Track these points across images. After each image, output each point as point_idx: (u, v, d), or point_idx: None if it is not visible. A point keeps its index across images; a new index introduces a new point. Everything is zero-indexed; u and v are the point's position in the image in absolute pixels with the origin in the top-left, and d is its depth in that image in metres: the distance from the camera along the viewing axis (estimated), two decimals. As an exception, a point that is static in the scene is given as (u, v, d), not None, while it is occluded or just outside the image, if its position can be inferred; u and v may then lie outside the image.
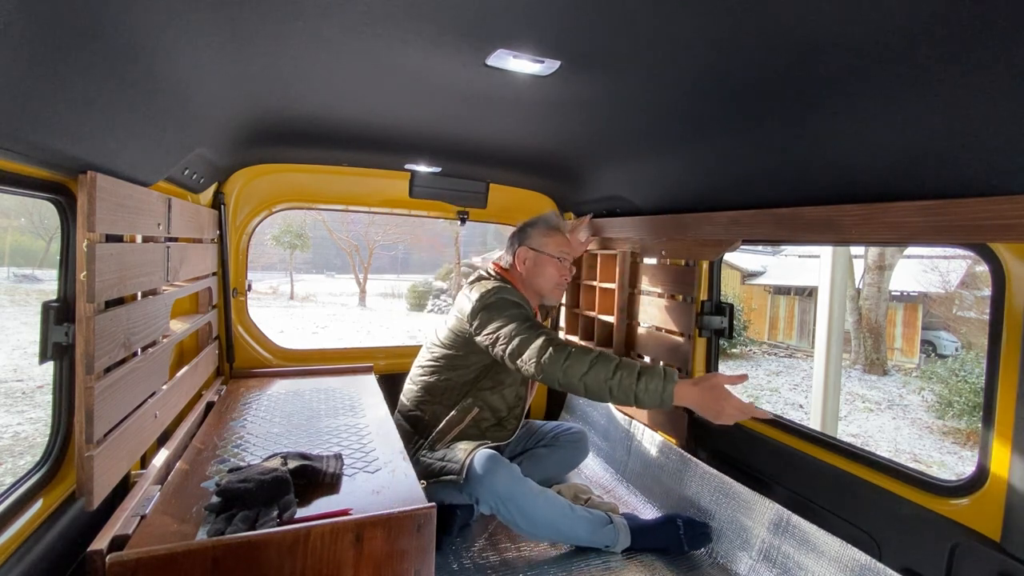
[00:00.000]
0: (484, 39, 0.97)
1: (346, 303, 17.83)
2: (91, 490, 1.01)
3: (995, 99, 0.84)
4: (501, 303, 1.74)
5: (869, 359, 10.33)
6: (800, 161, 1.32)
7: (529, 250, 1.95)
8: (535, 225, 1.99)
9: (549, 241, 1.96)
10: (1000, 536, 1.08)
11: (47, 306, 1.06)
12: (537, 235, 1.96)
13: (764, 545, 1.53)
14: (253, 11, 0.87)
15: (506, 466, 1.64)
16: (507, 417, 1.87)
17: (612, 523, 1.69)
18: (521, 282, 1.95)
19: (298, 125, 1.65)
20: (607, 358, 1.51)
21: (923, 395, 8.41)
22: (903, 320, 11.74)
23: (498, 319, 1.70)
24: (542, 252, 1.94)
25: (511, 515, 1.61)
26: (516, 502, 1.60)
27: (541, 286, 1.96)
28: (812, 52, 0.90)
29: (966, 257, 10.22)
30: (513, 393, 1.87)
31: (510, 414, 1.88)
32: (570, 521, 1.65)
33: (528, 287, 1.96)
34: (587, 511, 1.70)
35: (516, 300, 1.77)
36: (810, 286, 12.09)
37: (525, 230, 1.99)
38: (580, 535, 1.66)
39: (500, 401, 1.85)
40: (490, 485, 1.59)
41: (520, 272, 1.96)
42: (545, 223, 2.00)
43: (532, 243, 1.95)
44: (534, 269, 1.94)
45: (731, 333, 1.90)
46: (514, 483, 1.62)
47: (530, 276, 1.95)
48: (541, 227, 1.98)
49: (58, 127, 0.84)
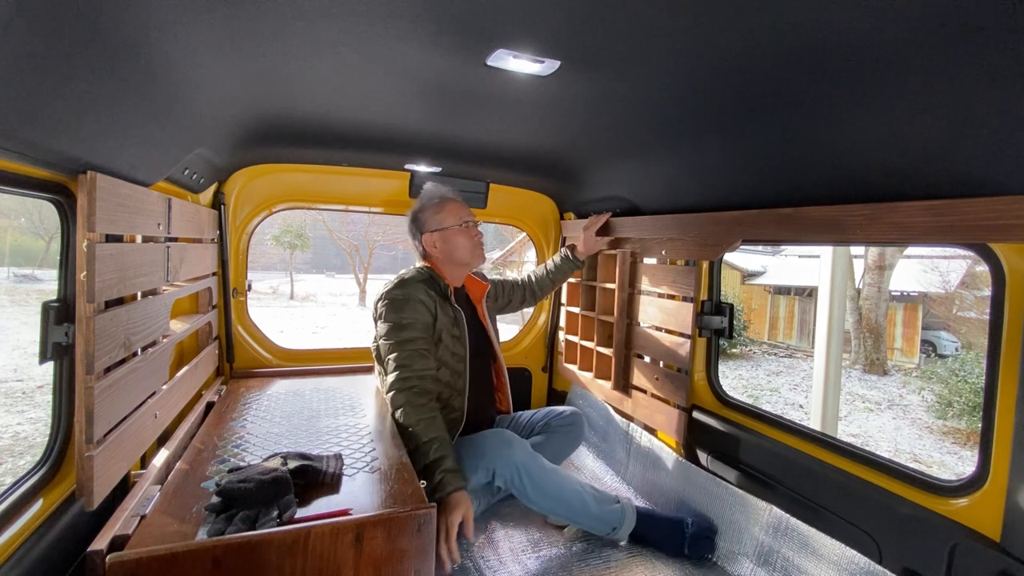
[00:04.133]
0: (484, 39, 0.97)
1: (346, 303, 17.82)
2: (91, 490, 1.01)
3: (995, 98, 0.84)
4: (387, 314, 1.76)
5: (869, 359, 10.33)
6: (801, 161, 1.32)
7: (432, 233, 1.91)
8: (423, 209, 1.94)
9: (445, 216, 1.92)
10: (1000, 536, 1.08)
11: (47, 306, 1.06)
12: (431, 216, 1.93)
13: (763, 548, 1.53)
14: (253, 11, 0.87)
15: (519, 440, 1.71)
16: (451, 397, 1.83)
17: (619, 503, 1.73)
18: (442, 264, 1.94)
19: (298, 125, 1.65)
20: (426, 429, 1.55)
21: (923, 395, 8.41)
22: (903, 320, 11.74)
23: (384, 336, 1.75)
24: (444, 228, 1.91)
25: (524, 486, 1.65)
26: (531, 473, 1.65)
27: (461, 257, 1.93)
28: (813, 52, 0.90)
29: (966, 257, 10.21)
30: (448, 373, 1.83)
31: (453, 395, 1.84)
32: (580, 494, 1.69)
33: (451, 264, 1.94)
34: (593, 487, 1.76)
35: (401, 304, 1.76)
36: (810, 286, 12.09)
37: (417, 218, 1.95)
38: (590, 508, 1.69)
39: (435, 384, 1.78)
40: (508, 455, 1.64)
41: (438, 256, 1.93)
42: (430, 200, 1.95)
43: (430, 226, 1.92)
44: (446, 247, 1.91)
45: (731, 333, 1.90)
46: (529, 455, 1.68)
47: (447, 255, 1.93)
48: (429, 207, 1.93)
49: (58, 127, 0.84)
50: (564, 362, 2.66)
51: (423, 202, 1.97)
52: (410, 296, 1.77)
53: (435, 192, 1.98)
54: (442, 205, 1.93)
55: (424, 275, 1.87)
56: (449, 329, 1.84)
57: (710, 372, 1.94)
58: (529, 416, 2.13)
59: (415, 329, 1.74)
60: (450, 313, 1.86)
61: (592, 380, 2.42)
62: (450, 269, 1.94)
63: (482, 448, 1.69)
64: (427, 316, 1.78)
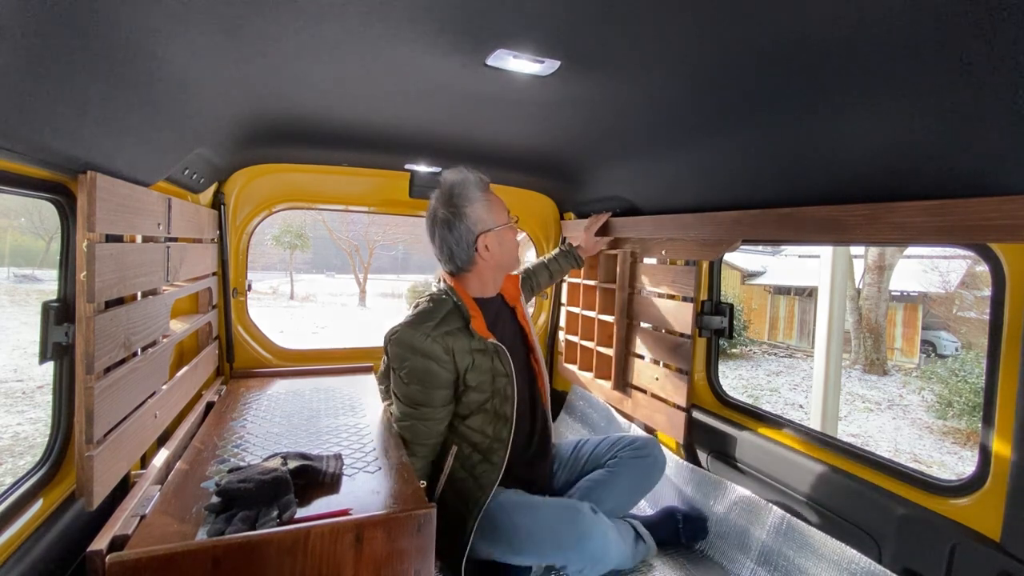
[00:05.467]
0: (484, 39, 0.97)
1: (346, 303, 17.83)
2: (91, 490, 1.01)
3: (995, 99, 0.84)
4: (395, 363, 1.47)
5: (869, 359, 10.33)
6: (801, 161, 1.32)
7: (487, 234, 1.50)
8: (471, 202, 1.49)
9: (498, 210, 1.54)
10: (1000, 536, 1.08)
11: (47, 306, 1.06)
12: (484, 211, 1.50)
13: (764, 548, 1.52)
14: (253, 11, 0.87)
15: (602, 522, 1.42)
16: (489, 448, 1.47)
17: (639, 535, 1.60)
18: (486, 272, 1.55)
19: (298, 125, 1.65)
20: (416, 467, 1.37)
21: (923, 395, 8.41)
22: (903, 320, 11.73)
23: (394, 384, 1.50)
24: (500, 226, 1.52)
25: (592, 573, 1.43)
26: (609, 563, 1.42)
27: (511, 260, 1.59)
28: (812, 52, 0.90)
29: (966, 257, 10.21)
30: (483, 420, 1.47)
31: (491, 447, 1.47)
32: (622, 550, 1.49)
33: (498, 270, 1.59)
34: (624, 530, 1.56)
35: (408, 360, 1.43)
36: (810, 286, 12.09)
37: (465, 215, 1.48)
38: (626, 560, 1.52)
39: (477, 435, 1.48)
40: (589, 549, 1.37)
41: (487, 263, 1.53)
42: (475, 190, 1.51)
43: (485, 223, 1.50)
44: (500, 250, 1.53)
45: (731, 333, 1.90)
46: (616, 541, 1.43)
47: (498, 260, 1.54)
48: (479, 201, 1.50)
49: (58, 127, 0.84)
50: (564, 362, 2.66)
51: (467, 193, 1.50)
52: (422, 350, 1.41)
53: (474, 180, 1.53)
54: (489, 196, 1.53)
55: (447, 307, 1.47)
56: (486, 371, 1.46)
57: (710, 372, 1.94)
58: (591, 449, 1.74)
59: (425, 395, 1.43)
60: (488, 349, 1.46)
61: (592, 380, 2.42)
62: (494, 276, 1.59)
63: (551, 531, 1.38)
64: (445, 375, 1.43)
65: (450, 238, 1.49)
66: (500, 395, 1.47)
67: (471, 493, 1.44)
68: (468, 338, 1.45)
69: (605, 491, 1.61)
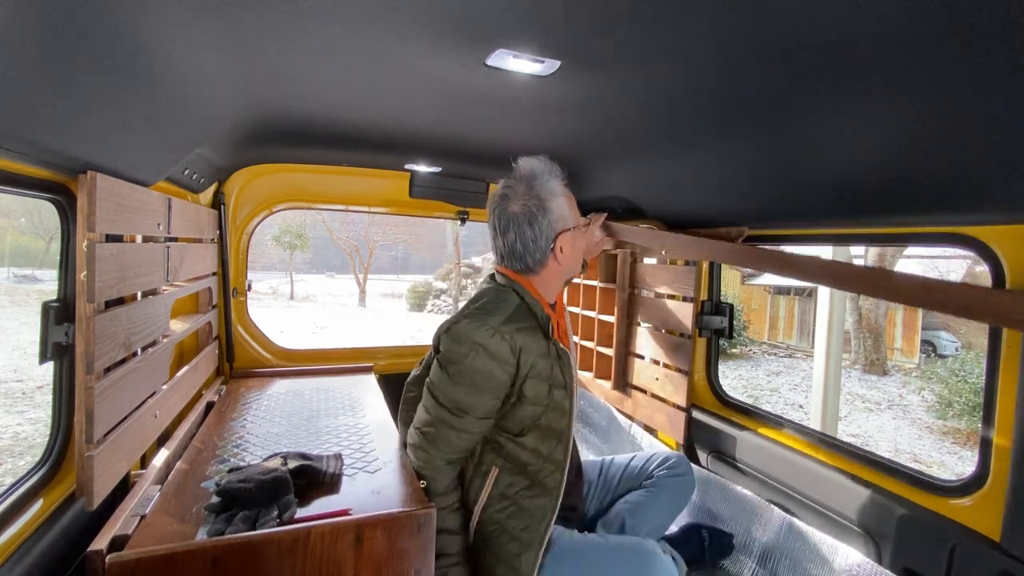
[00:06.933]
0: (484, 39, 0.97)
1: (346, 303, 17.84)
2: (91, 490, 1.01)
3: (995, 103, 0.84)
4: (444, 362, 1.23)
5: (869, 359, 10.33)
6: (801, 162, 1.32)
7: (566, 233, 1.32)
8: (555, 195, 1.32)
9: (575, 208, 1.37)
10: (1000, 536, 1.08)
11: (47, 306, 1.06)
12: (564, 208, 1.33)
13: (764, 547, 1.52)
14: (253, 11, 0.87)
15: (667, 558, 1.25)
16: (541, 469, 1.26)
17: (674, 559, 1.39)
18: (548, 280, 1.35)
19: (298, 125, 1.65)
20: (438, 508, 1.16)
21: (923, 395, 8.41)
22: (903, 320, 11.74)
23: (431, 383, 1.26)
24: (577, 227, 1.36)
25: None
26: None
27: (576, 269, 1.41)
28: (813, 55, 0.90)
29: (966, 257, 10.21)
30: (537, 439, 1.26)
31: (546, 463, 1.26)
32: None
33: (564, 276, 1.40)
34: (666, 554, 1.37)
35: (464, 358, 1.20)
36: (810, 286, 12.09)
37: (548, 208, 1.30)
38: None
39: (527, 454, 1.25)
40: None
41: (560, 265, 1.34)
42: (558, 181, 1.35)
43: (567, 220, 1.32)
44: (574, 254, 1.36)
45: (731, 333, 1.90)
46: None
47: (569, 263, 1.36)
48: (561, 196, 1.33)
49: (58, 127, 0.84)
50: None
51: (551, 186, 1.33)
52: (485, 347, 1.19)
53: (557, 171, 1.36)
54: (568, 192, 1.36)
55: (514, 303, 1.28)
56: (544, 380, 1.25)
57: (710, 372, 1.95)
58: (621, 469, 1.60)
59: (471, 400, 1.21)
60: (551, 355, 1.26)
61: (592, 380, 2.42)
62: (559, 281, 1.39)
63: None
64: (503, 378, 1.21)
65: (529, 233, 1.29)
66: (556, 409, 1.26)
67: (520, 527, 1.23)
68: (538, 339, 1.25)
69: (648, 514, 1.49)
